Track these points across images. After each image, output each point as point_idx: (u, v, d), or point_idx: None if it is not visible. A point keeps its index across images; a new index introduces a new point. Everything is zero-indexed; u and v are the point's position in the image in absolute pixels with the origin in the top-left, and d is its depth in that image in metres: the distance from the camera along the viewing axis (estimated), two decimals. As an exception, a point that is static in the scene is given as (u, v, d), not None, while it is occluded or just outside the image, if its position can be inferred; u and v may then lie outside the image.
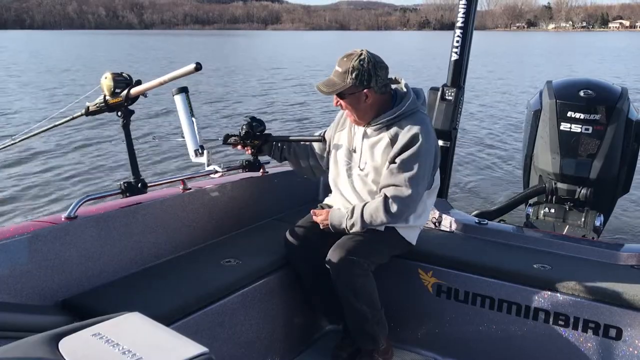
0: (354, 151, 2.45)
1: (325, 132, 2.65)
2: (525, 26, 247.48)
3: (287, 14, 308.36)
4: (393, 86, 2.40)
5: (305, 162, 2.69)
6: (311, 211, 2.52)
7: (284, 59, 36.42)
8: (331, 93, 2.31)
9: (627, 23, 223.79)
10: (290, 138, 2.67)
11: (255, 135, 2.59)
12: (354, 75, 2.25)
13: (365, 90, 2.28)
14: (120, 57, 39.64)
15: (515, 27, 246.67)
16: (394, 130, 2.33)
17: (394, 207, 2.27)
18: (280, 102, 15.79)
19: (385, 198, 2.29)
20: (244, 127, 2.58)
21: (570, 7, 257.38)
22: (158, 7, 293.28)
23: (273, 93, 18.03)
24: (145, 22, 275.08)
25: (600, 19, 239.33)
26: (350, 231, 2.38)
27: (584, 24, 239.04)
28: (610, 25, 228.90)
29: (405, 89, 2.39)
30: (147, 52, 45.52)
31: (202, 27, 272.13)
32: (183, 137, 2.45)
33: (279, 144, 2.68)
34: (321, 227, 2.46)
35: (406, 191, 2.27)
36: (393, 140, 2.32)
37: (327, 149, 2.61)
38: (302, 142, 2.68)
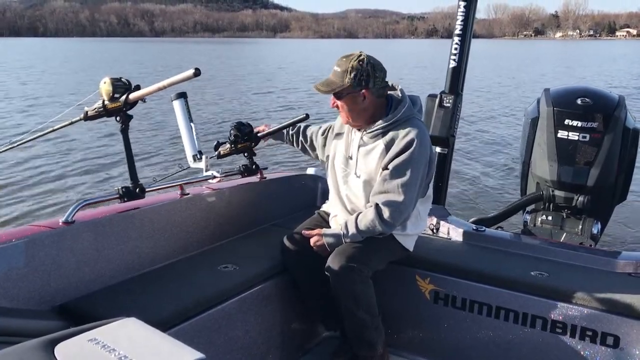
0: (350, 158, 2.44)
1: (328, 127, 2.69)
2: (533, 34, 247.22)
3: (295, 22, 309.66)
4: (389, 92, 2.39)
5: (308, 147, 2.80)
6: (303, 232, 2.49)
7: (292, 66, 36.53)
8: (329, 92, 2.31)
9: (634, 32, 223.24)
10: (278, 127, 2.72)
11: (244, 137, 2.63)
12: (352, 75, 2.25)
13: (363, 91, 2.28)
14: (130, 63, 39.86)
15: (522, 36, 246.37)
16: (389, 136, 2.32)
17: (387, 215, 2.26)
18: (285, 108, 15.81)
19: (377, 207, 2.28)
20: (232, 131, 2.63)
21: (578, 16, 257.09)
22: (168, 15, 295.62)
23: (278, 100, 18.06)
24: (156, 30, 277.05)
25: (607, 28, 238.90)
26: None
27: (591, 32, 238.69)
28: (617, 33, 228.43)
29: (401, 95, 2.39)
30: (157, 60, 45.78)
31: (212, 35, 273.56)
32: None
33: (289, 136, 2.78)
34: (315, 249, 2.42)
35: (398, 198, 2.26)
36: (388, 146, 2.31)
37: (324, 144, 2.69)
38: (289, 126, 2.74)
